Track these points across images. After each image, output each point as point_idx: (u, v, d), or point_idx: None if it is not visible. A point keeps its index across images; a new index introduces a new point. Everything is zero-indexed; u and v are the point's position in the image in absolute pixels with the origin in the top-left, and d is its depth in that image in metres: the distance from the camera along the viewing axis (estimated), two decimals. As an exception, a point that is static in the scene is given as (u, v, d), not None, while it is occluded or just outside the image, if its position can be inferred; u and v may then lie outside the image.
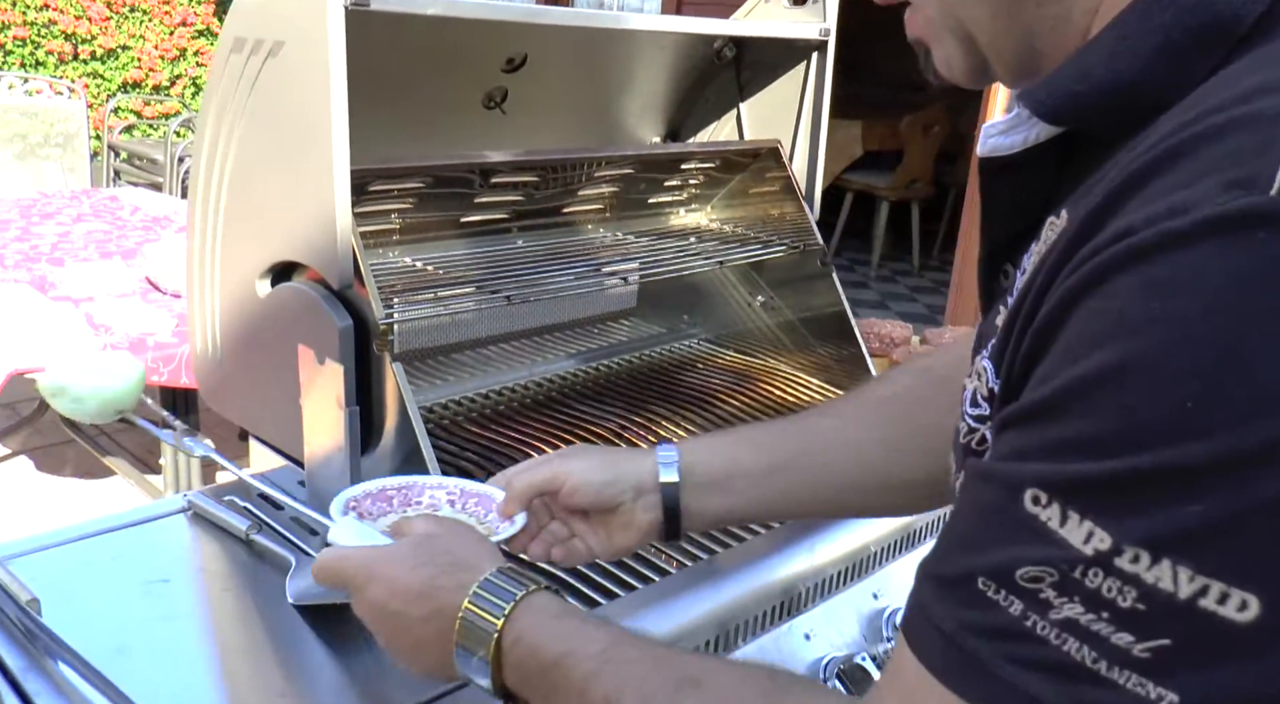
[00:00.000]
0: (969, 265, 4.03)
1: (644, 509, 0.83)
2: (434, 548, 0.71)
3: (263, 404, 1.10)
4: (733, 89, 1.50)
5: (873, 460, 0.84)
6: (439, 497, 0.85)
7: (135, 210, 3.23)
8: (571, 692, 0.61)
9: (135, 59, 6.03)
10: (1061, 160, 0.54)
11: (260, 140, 1.01)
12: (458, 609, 0.66)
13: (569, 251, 1.28)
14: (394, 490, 0.85)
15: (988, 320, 0.58)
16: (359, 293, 0.97)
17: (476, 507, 0.84)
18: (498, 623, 0.65)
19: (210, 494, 1.06)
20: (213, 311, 1.14)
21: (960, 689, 0.44)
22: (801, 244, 1.39)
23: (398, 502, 0.85)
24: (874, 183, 5.84)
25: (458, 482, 0.86)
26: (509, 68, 1.27)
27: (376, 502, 0.84)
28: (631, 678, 0.59)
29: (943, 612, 0.45)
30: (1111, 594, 0.40)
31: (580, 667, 0.61)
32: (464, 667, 0.67)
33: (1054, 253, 0.45)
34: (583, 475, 0.82)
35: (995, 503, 0.44)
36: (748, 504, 0.85)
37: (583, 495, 0.82)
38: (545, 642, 0.63)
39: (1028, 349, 0.46)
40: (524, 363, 1.40)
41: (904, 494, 0.84)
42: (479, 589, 0.66)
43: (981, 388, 0.53)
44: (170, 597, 0.90)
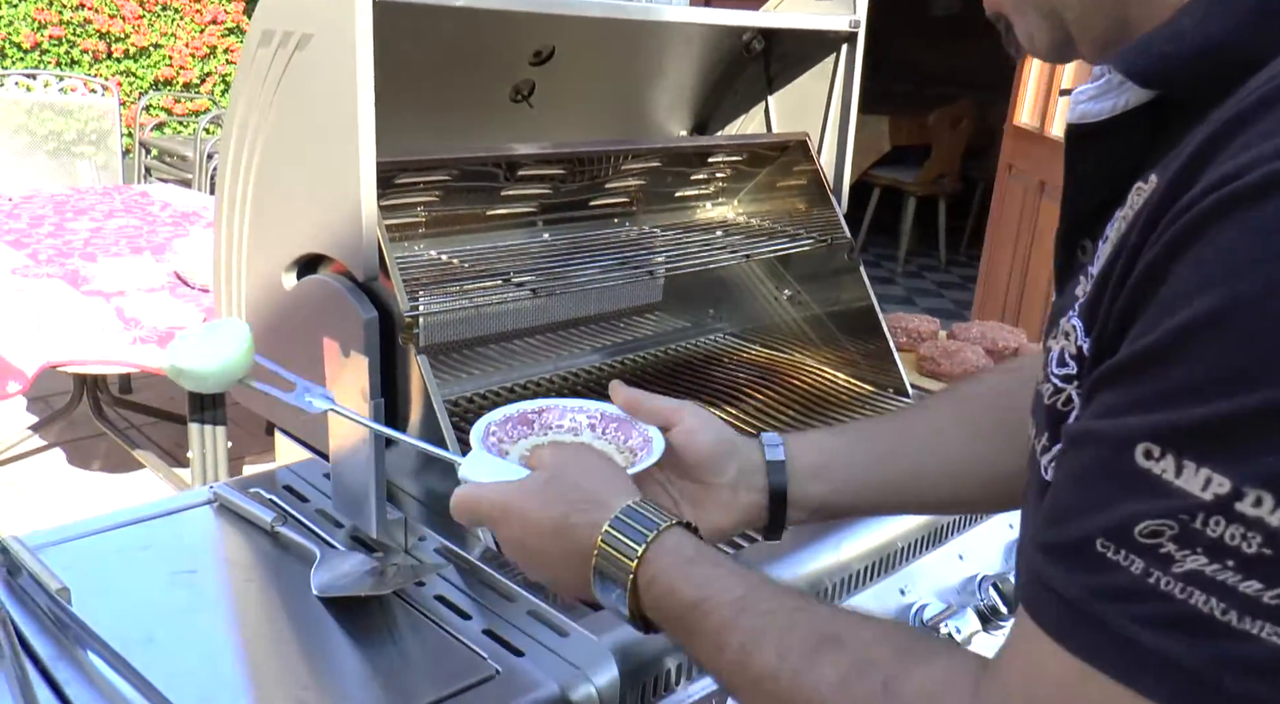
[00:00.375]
0: (995, 261, 3.99)
1: (747, 489, 0.78)
2: (565, 483, 0.71)
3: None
4: (761, 82, 1.48)
5: (968, 453, 0.82)
6: (580, 420, 0.82)
7: (165, 206, 3.26)
8: (708, 636, 0.62)
9: (167, 57, 6.09)
10: (1152, 127, 0.53)
11: (287, 133, 1.01)
12: (593, 547, 0.67)
13: (595, 245, 1.28)
14: (533, 414, 0.82)
15: (1064, 295, 0.59)
16: (384, 285, 0.97)
17: (617, 432, 0.80)
18: (631, 564, 0.65)
19: (236, 486, 1.07)
20: (239, 304, 1.14)
21: (1090, 656, 0.43)
22: (829, 238, 1.37)
23: (538, 425, 0.82)
24: (901, 178, 5.80)
25: (598, 405, 0.82)
26: (536, 61, 1.27)
27: (516, 425, 0.81)
28: (769, 630, 0.59)
29: (1063, 579, 0.44)
30: (1235, 541, 0.39)
31: (717, 613, 0.61)
32: (605, 598, 0.68)
33: (1145, 211, 0.45)
34: (701, 419, 0.79)
35: (1103, 462, 0.44)
36: (847, 494, 0.82)
37: (699, 441, 0.78)
38: (680, 585, 0.64)
39: (1123, 305, 0.46)
40: (549, 356, 1.40)
41: (1001, 488, 0.80)
42: (610, 528, 0.67)
43: (1069, 347, 0.52)
44: (196, 587, 0.90)
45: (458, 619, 0.87)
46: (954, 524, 1.12)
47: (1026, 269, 3.71)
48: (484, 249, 1.24)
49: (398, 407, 1.00)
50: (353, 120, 0.91)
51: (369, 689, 0.81)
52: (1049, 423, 0.54)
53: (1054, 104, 3.55)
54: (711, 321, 1.58)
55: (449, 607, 0.89)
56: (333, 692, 0.80)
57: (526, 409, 0.82)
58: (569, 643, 0.81)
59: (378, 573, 0.93)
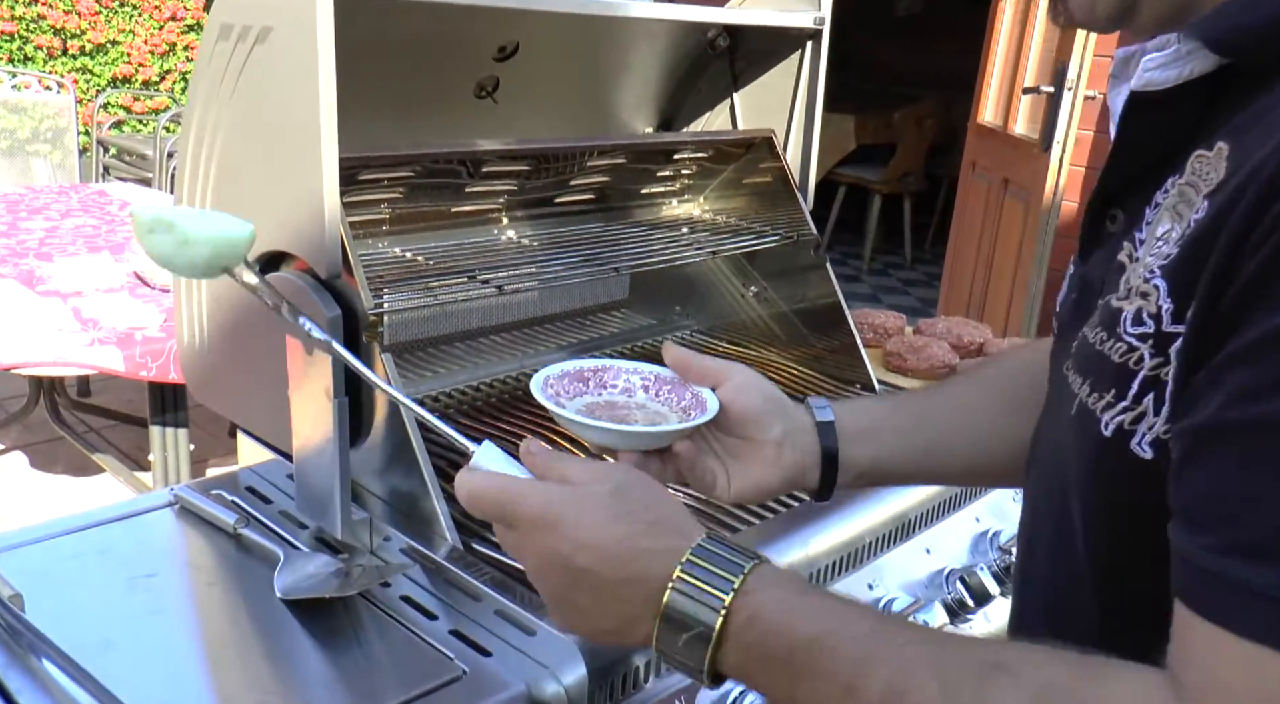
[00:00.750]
0: (960, 257, 4.03)
1: (792, 449, 0.76)
2: (633, 501, 0.62)
3: (251, 396, 1.09)
4: (726, 79, 1.48)
5: (995, 425, 0.82)
6: (634, 381, 0.81)
7: (124, 205, 3.21)
8: (833, 676, 0.54)
9: (125, 54, 5.99)
10: (1206, 97, 0.55)
11: (248, 128, 1.00)
12: (667, 578, 0.58)
13: (560, 242, 1.27)
14: (590, 372, 0.81)
15: (1092, 264, 0.61)
16: (348, 283, 0.96)
17: (670, 393, 0.80)
18: (725, 598, 0.57)
19: (197, 488, 1.05)
20: (200, 303, 1.12)
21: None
22: (795, 234, 1.38)
23: (594, 384, 0.81)
24: (866, 176, 5.84)
25: (651, 367, 0.81)
26: (501, 56, 1.26)
27: (574, 381, 0.80)
28: (920, 662, 0.53)
29: (1270, 579, 0.43)
30: None
31: (845, 649, 0.54)
32: (666, 643, 0.59)
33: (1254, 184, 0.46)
34: (750, 377, 0.78)
35: (1273, 449, 0.43)
36: (893, 457, 0.81)
37: (749, 398, 0.76)
38: (794, 621, 0.56)
39: (1244, 280, 0.46)
40: (515, 354, 1.39)
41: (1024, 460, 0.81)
42: (694, 556, 0.58)
43: (1149, 307, 0.52)
44: (156, 591, 0.89)
45: (424, 620, 0.86)
46: (921, 518, 1.13)
47: (991, 265, 3.75)
48: (449, 246, 1.23)
49: (362, 405, 0.98)
50: (314, 115, 0.90)
51: (334, 692, 0.80)
52: (1118, 381, 0.54)
53: (1016, 102, 3.59)
54: (678, 319, 1.58)
55: (415, 607, 0.88)
56: (297, 695, 0.78)
57: (585, 366, 0.82)
58: (537, 642, 0.80)
59: (342, 574, 0.91)
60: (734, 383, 0.77)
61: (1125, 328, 0.54)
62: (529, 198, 1.32)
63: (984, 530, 1.19)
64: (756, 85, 1.47)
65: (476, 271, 1.11)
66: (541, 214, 1.36)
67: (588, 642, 0.79)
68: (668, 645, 0.59)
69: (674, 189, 1.51)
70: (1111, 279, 0.59)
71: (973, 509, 1.21)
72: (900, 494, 1.10)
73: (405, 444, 0.95)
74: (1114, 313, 0.56)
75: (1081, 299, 0.64)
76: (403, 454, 0.95)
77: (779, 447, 0.76)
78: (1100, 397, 0.56)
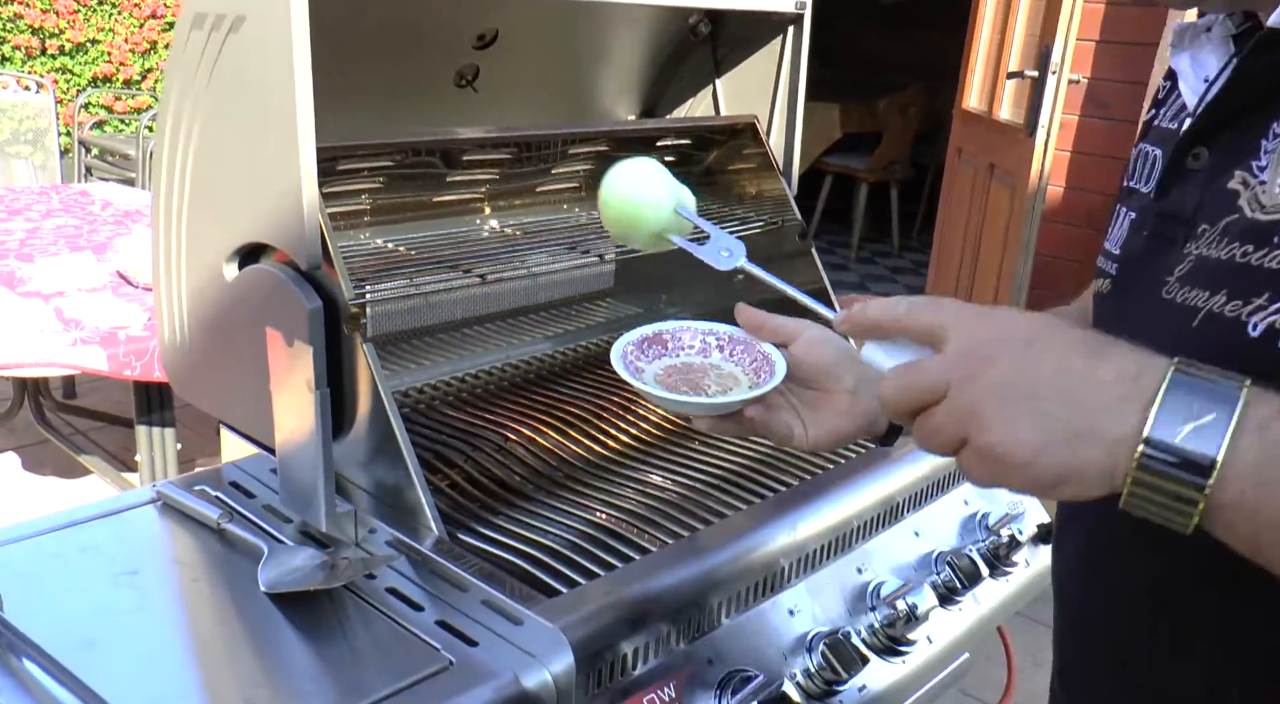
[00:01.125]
0: (947, 243, 4.03)
1: (865, 396, 0.79)
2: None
3: (233, 391, 1.08)
4: (708, 65, 1.48)
5: None
6: (709, 342, 0.84)
7: (106, 205, 3.18)
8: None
9: (105, 53, 5.94)
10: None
11: (224, 119, 0.98)
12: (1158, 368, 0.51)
13: (545, 231, 1.26)
14: (667, 334, 0.84)
15: (1174, 198, 0.68)
16: (328, 274, 0.95)
17: (742, 353, 0.82)
18: (1241, 389, 0.49)
19: (180, 484, 1.04)
20: (180, 298, 1.11)
21: None
22: (780, 220, 1.37)
23: (671, 345, 0.83)
24: (853, 165, 5.83)
25: (726, 328, 0.84)
26: (480, 44, 1.25)
27: (651, 345, 0.83)
28: None
29: None
30: None
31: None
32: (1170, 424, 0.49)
33: None
34: (823, 332, 0.80)
35: None
36: None
37: (823, 350, 0.79)
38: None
39: None
40: (500, 345, 1.38)
41: None
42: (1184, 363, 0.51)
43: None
44: (140, 589, 0.88)
45: (410, 611, 0.86)
46: (909, 501, 1.13)
47: (978, 251, 3.75)
48: (431, 236, 1.22)
49: (345, 397, 0.98)
50: (290, 104, 0.89)
51: (321, 685, 0.79)
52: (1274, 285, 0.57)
53: (1001, 87, 3.59)
54: (664, 307, 1.58)
55: (401, 599, 0.87)
56: (283, 689, 0.78)
57: (662, 330, 0.84)
58: (523, 631, 0.80)
59: (327, 567, 0.91)
60: (806, 337, 0.80)
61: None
62: (511, 187, 1.31)
63: (973, 513, 1.19)
64: (739, 71, 1.46)
65: (459, 262, 1.11)
66: (525, 203, 1.35)
67: (575, 629, 0.78)
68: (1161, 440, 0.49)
69: (658, 177, 1.50)
70: (1216, 206, 0.63)
71: (961, 492, 1.21)
72: (888, 476, 1.09)
73: (389, 435, 0.94)
74: (1265, 227, 0.60)
75: (1161, 230, 0.69)
76: (387, 445, 0.94)
77: (853, 395, 0.79)
78: (1246, 302, 0.59)
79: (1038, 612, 2.99)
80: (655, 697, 0.82)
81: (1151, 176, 0.74)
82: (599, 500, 1.04)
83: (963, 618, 1.11)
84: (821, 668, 0.92)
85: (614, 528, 0.98)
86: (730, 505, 1.04)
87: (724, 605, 0.91)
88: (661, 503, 1.04)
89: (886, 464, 1.11)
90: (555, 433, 1.17)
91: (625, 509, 1.02)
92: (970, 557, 1.11)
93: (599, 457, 1.14)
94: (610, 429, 1.19)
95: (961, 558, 1.11)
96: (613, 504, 1.03)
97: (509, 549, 0.94)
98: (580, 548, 0.94)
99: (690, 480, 1.09)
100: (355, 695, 0.76)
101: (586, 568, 0.91)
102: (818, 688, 0.92)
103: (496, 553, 0.93)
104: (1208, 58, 0.70)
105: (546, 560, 0.92)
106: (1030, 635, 2.74)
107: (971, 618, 1.12)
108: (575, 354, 1.42)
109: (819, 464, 1.15)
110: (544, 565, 0.91)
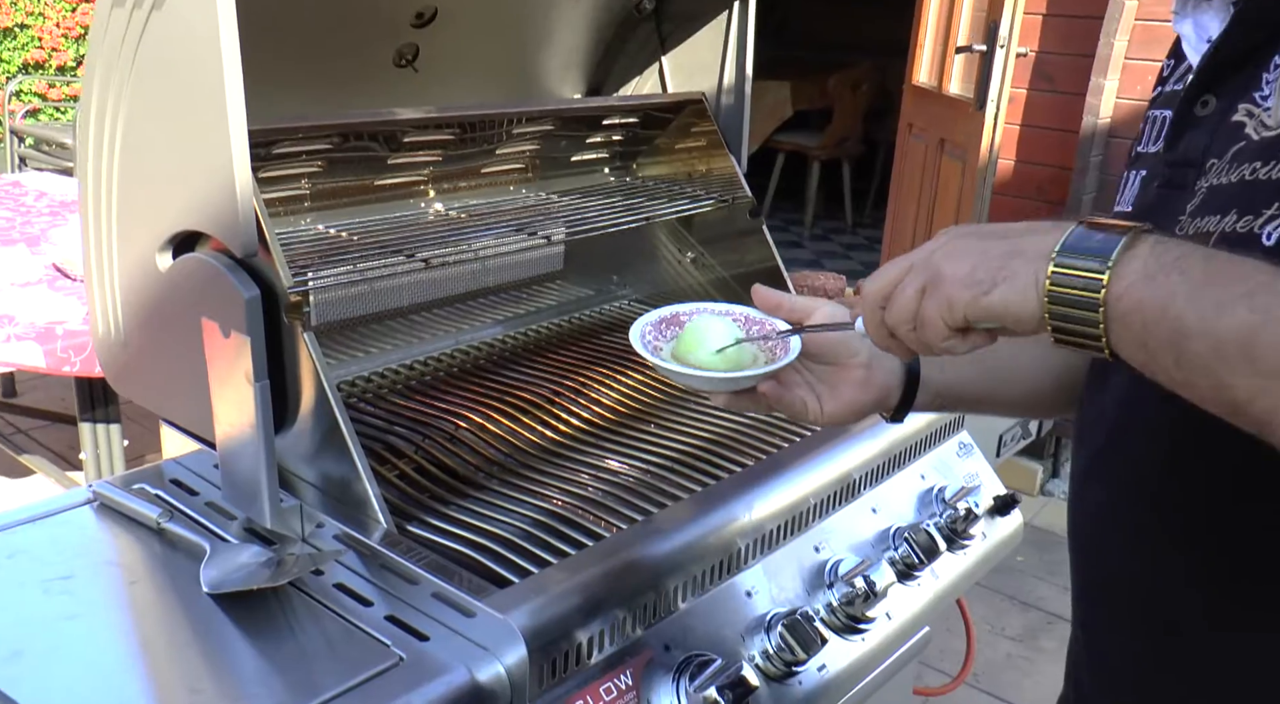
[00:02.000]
0: (899, 218, 4.05)
1: (879, 370, 0.83)
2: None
3: (171, 385, 1.04)
4: (654, 42, 1.45)
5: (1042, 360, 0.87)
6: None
7: (41, 196, 3.08)
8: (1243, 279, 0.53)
9: (36, 38, 5.76)
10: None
11: (150, 102, 0.94)
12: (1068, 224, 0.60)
13: (490, 213, 1.24)
14: (685, 315, 0.86)
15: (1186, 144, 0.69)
16: (266, 261, 0.91)
17: (758, 332, 0.84)
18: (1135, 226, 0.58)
19: (118, 483, 1.01)
20: (113, 290, 1.07)
21: None
22: (730, 197, 1.35)
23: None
24: (805, 143, 5.83)
25: (742, 308, 0.86)
26: (419, 23, 1.22)
27: (669, 326, 0.86)
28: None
29: None
30: None
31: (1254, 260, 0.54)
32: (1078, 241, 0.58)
33: None
34: (836, 308, 0.82)
35: None
36: (963, 381, 0.87)
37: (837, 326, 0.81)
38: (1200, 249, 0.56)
39: None
40: (450, 330, 1.35)
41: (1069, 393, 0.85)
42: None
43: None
44: (74, 594, 0.84)
45: (359, 606, 0.83)
46: (866, 478, 1.12)
47: (930, 225, 3.77)
48: (374, 221, 1.19)
49: (287, 389, 0.94)
50: (218, 83, 0.85)
51: (267, 687, 0.77)
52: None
53: (950, 62, 3.60)
54: (615, 288, 1.56)
55: (349, 594, 0.85)
56: (228, 692, 0.75)
57: (680, 311, 0.87)
58: (475, 623, 0.78)
59: (273, 564, 0.88)
60: (821, 314, 0.81)
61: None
62: (455, 169, 1.28)
63: (929, 487, 1.19)
64: (686, 48, 1.44)
65: (404, 246, 1.08)
66: (469, 185, 1.32)
67: (528, 620, 0.76)
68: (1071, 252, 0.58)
69: (606, 156, 1.48)
70: (1224, 141, 0.65)
71: (917, 467, 1.21)
72: (844, 453, 1.09)
73: (333, 427, 0.91)
74: (1270, 142, 0.61)
75: (1174, 178, 0.70)
76: (331, 437, 0.92)
77: (868, 369, 0.82)
78: (1257, 216, 0.60)
79: (996, 581, 3.03)
80: (612, 685, 0.81)
81: (1161, 136, 0.75)
82: (553, 487, 1.02)
83: (921, 593, 1.11)
84: (780, 649, 0.91)
85: (568, 514, 0.96)
86: (686, 488, 1.03)
87: (681, 589, 0.90)
88: (616, 487, 1.03)
89: (843, 441, 1.10)
90: (507, 419, 1.14)
91: (580, 495, 1.00)
92: (928, 531, 1.11)
93: (552, 442, 1.12)
94: (564, 414, 1.17)
95: (919, 533, 1.11)
96: (567, 490, 1.01)
97: (460, 540, 0.92)
98: (534, 536, 0.92)
99: (645, 464, 1.08)
100: (303, 696, 0.73)
101: (540, 557, 0.89)
102: (777, 669, 0.91)
103: (448, 544, 0.91)
104: (1210, 21, 0.72)
105: (499, 550, 0.90)
106: (989, 605, 2.78)
107: (930, 593, 1.12)
108: (526, 338, 1.40)
109: (775, 443, 1.14)
110: (496, 555, 0.89)
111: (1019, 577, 2.77)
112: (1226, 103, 0.68)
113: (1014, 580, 2.76)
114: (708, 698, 0.82)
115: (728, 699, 0.82)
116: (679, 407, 1.22)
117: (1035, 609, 2.70)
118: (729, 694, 0.82)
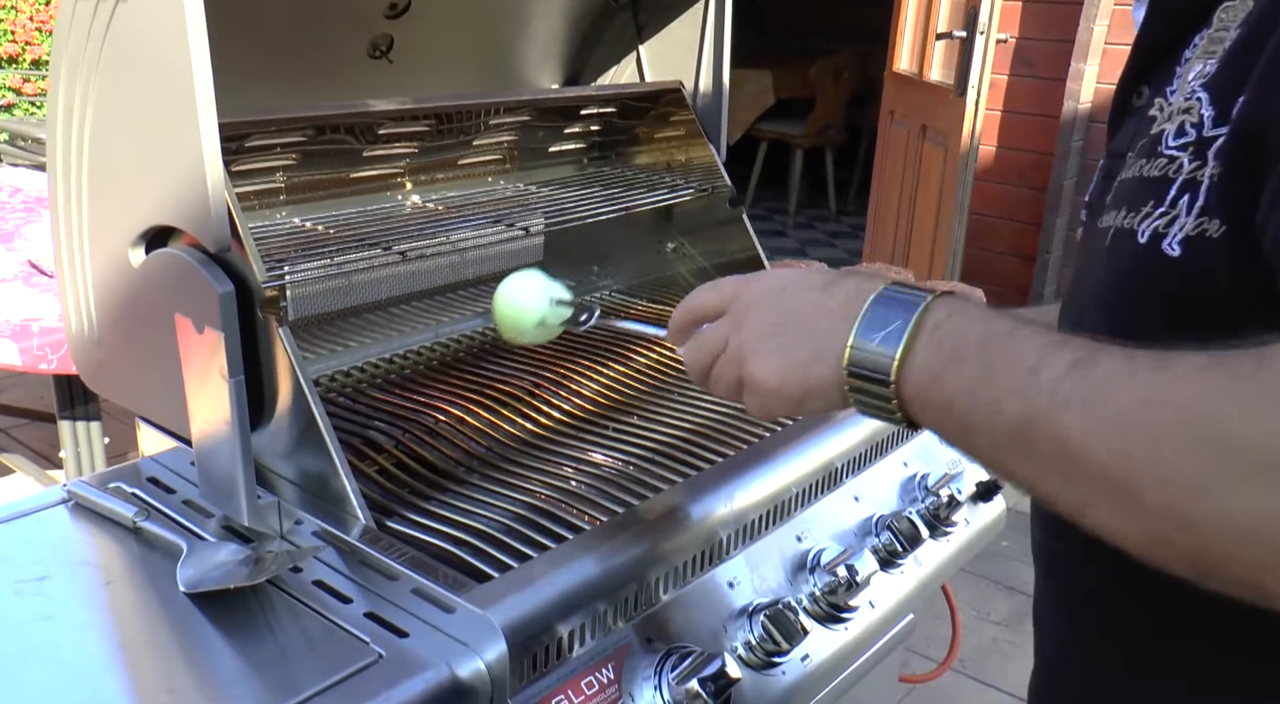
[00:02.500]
0: (883, 205, 4.05)
1: None
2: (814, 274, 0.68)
3: (146, 382, 1.03)
4: (630, 31, 1.44)
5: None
6: None
7: (15, 192, 3.05)
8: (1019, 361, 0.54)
9: (8, 32, 5.68)
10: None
11: (119, 95, 0.93)
12: (871, 289, 0.61)
13: (468, 205, 1.23)
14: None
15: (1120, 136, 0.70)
16: (240, 256, 0.90)
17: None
18: (926, 299, 0.59)
19: (94, 482, 1.00)
20: (86, 286, 1.05)
21: None
22: (710, 186, 1.35)
23: None
24: (787, 131, 5.83)
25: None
26: (393, 13, 1.20)
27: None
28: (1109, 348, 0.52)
29: None
30: None
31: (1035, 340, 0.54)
32: (868, 335, 0.60)
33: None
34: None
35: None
36: None
37: None
38: (991, 320, 0.57)
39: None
40: (429, 323, 1.34)
41: None
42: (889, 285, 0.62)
43: (1190, 118, 0.60)
44: (48, 595, 0.83)
45: (338, 603, 0.83)
46: (848, 466, 1.12)
47: (913, 212, 3.78)
48: (351, 214, 1.18)
49: (263, 385, 0.93)
50: (187, 74, 0.84)
51: (246, 686, 0.76)
52: (1156, 192, 0.61)
53: (931, 49, 3.60)
54: (596, 279, 1.55)
55: (328, 591, 0.84)
56: (207, 692, 0.75)
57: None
58: (455, 619, 0.77)
59: (251, 562, 0.87)
60: None
61: (1166, 144, 0.61)
62: (432, 161, 1.27)
63: (912, 474, 1.19)
64: (663, 37, 1.43)
65: (381, 239, 1.07)
66: (446, 177, 1.31)
67: (508, 616, 0.76)
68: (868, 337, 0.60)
69: (584, 146, 1.47)
70: (1143, 133, 0.67)
71: (900, 454, 1.21)
72: (826, 442, 1.08)
73: (311, 422, 0.90)
74: (1154, 138, 0.63)
75: (1110, 172, 0.72)
76: (309, 433, 0.91)
77: None
78: (1137, 213, 0.62)
79: (981, 567, 3.05)
80: (593, 678, 0.81)
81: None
82: (533, 480, 1.01)
83: (905, 581, 1.11)
84: (763, 639, 0.91)
85: (549, 508, 0.96)
86: (667, 479, 1.02)
87: (662, 580, 0.90)
88: (597, 479, 1.02)
89: (825, 429, 1.10)
90: (487, 412, 1.14)
91: (560, 488, 1.00)
92: (910, 519, 1.11)
93: (533, 435, 1.11)
94: (544, 406, 1.17)
95: (901, 521, 1.10)
96: (547, 483, 1.01)
97: (440, 535, 0.91)
98: (514, 530, 0.92)
99: (626, 456, 1.07)
100: (282, 695, 0.73)
101: (520, 551, 0.88)
102: (759, 660, 0.91)
103: (427, 540, 0.90)
104: None
105: (479, 545, 0.89)
106: (975, 590, 2.79)
107: (914, 580, 1.12)
108: (507, 330, 1.39)
109: (757, 433, 1.13)
110: (477, 550, 0.89)
111: (1004, 562, 2.78)
112: (1153, 94, 0.69)
113: (999, 565, 2.78)
114: (690, 690, 0.82)
115: (710, 691, 0.81)
116: (660, 398, 1.21)
117: (1020, 593, 2.71)
118: (711, 686, 0.82)
